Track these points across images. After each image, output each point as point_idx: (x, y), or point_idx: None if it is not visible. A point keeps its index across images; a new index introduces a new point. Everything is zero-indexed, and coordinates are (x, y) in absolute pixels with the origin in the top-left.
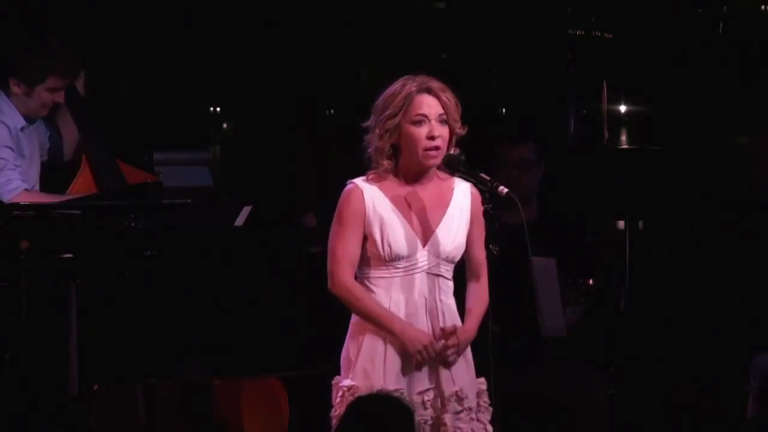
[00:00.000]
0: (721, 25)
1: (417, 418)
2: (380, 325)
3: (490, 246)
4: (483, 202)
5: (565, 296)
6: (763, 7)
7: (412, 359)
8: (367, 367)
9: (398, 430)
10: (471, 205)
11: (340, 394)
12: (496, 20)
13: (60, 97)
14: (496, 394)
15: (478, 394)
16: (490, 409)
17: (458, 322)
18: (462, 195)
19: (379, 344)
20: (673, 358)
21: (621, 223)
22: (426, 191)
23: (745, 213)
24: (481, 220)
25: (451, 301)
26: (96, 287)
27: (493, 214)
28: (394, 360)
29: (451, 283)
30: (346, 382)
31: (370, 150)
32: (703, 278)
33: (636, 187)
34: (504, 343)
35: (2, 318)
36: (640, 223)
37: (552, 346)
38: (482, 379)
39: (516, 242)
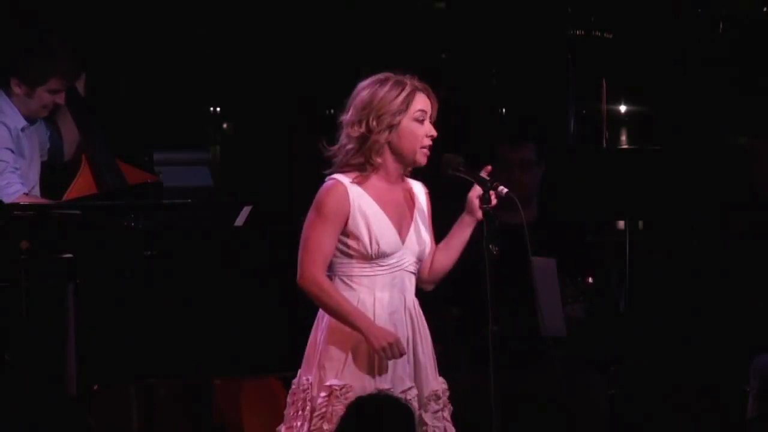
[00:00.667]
0: (721, 25)
1: None
2: (346, 320)
3: (490, 246)
4: (483, 202)
5: (564, 295)
6: (764, 8)
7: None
8: (357, 367)
9: (398, 430)
10: (426, 202)
11: (324, 394)
12: (496, 20)
13: (60, 99)
14: (496, 394)
15: (443, 393)
16: (451, 408)
17: (423, 317)
18: (419, 193)
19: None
20: (673, 358)
21: (621, 223)
22: (399, 190)
23: (745, 213)
24: (430, 216)
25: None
26: (96, 287)
27: (493, 214)
28: (382, 360)
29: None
30: (336, 381)
31: (350, 146)
32: (703, 278)
33: (636, 187)
34: (504, 343)
35: (2, 318)
36: (640, 223)
37: (552, 346)
38: (442, 379)
39: (516, 242)
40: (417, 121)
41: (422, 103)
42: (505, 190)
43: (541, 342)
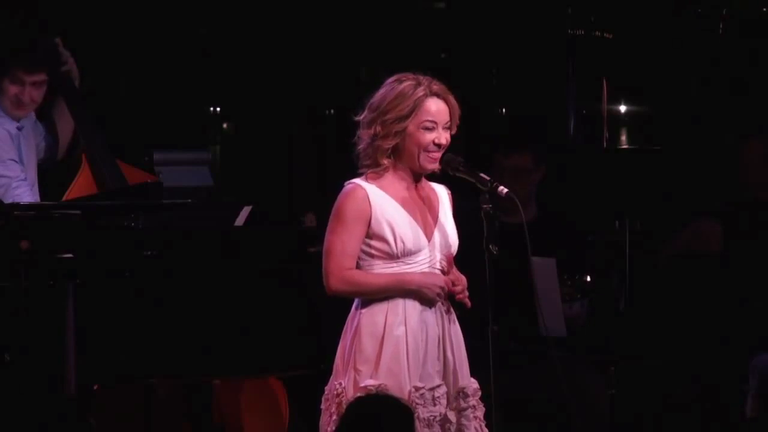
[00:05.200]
0: (721, 25)
1: (427, 414)
2: (396, 289)
3: (490, 246)
4: (483, 202)
5: (562, 292)
6: (763, 8)
7: (425, 345)
8: (392, 366)
9: (398, 430)
10: (449, 205)
11: (361, 395)
12: (496, 20)
13: (24, 95)
14: (496, 393)
15: (474, 393)
16: (483, 408)
17: (455, 315)
18: (442, 195)
19: (401, 342)
20: (673, 358)
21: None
22: (421, 190)
23: (744, 212)
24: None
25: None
26: (96, 287)
27: (493, 214)
28: (414, 358)
29: None
30: (371, 381)
31: (362, 146)
32: (703, 278)
33: (636, 187)
34: (504, 343)
35: (2, 318)
36: (640, 223)
37: (552, 346)
38: (474, 379)
39: (516, 242)
40: (424, 129)
41: (433, 109)
42: (505, 190)
43: (541, 342)
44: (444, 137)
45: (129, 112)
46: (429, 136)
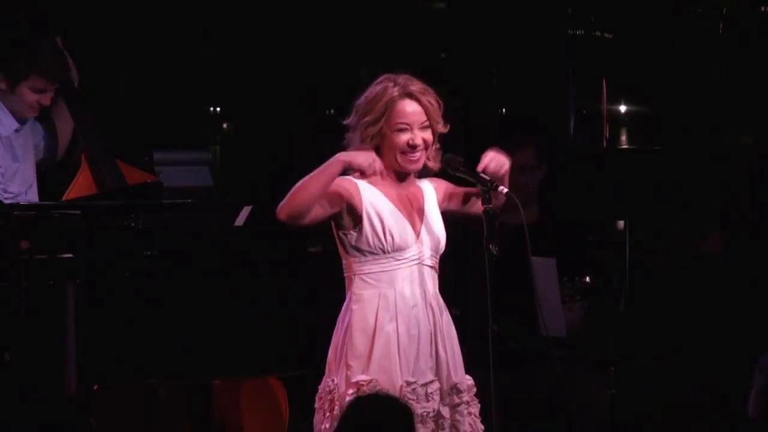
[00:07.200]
0: (721, 26)
1: (420, 410)
2: (328, 174)
3: (490, 246)
4: (483, 203)
5: (562, 294)
6: (763, 7)
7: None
8: (383, 361)
9: (398, 430)
10: (435, 193)
11: (353, 390)
12: (496, 20)
13: (46, 100)
14: (496, 393)
15: (468, 389)
16: (479, 404)
17: (447, 312)
18: (428, 190)
19: (392, 338)
20: (673, 357)
21: (621, 223)
22: (407, 188)
23: (746, 212)
24: (445, 186)
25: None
26: (96, 287)
27: (494, 214)
28: (405, 353)
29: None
30: (363, 377)
31: (351, 149)
32: (704, 278)
33: (636, 187)
34: (504, 343)
35: (2, 318)
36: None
37: (552, 346)
38: (468, 376)
39: (516, 242)
40: (398, 131)
41: (407, 110)
42: (505, 190)
43: (541, 342)
44: (420, 137)
45: (129, 112)
46: (403, 138)
